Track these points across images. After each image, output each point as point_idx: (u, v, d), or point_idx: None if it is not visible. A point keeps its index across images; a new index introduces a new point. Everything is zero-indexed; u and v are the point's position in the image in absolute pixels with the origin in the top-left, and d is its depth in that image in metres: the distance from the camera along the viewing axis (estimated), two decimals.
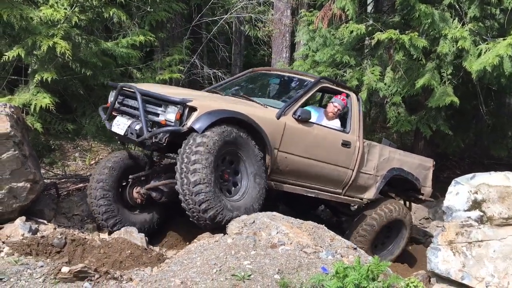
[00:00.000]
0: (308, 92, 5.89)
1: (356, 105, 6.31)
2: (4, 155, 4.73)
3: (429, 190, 7.21)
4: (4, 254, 4.02)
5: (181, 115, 4.74)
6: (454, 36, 7.35)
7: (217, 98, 5.52)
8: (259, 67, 7.17)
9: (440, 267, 4.46)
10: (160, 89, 5.42)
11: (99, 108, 5.84)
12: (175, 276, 3.47)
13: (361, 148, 6.16)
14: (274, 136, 5.30)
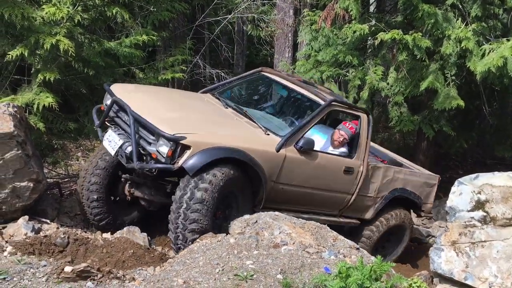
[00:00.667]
0: (315, 118, 5.50)
1: (366, 127, 5.96)
2: (7, 155, 4.74)
3: (429, 206, 7.12)
4: (7, 253, 4.01)
5: (173, 152, 4.51)
6: (458, 36, 7.33)
7: (216, 122, 5.24)
8: (269, 69, 6.71)
9: (443, 267, 4.46)
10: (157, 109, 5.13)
11: (93, 110, 5.57)
12: (178, 275, 3.47)
13: (364, 173, 5.90)
14: (272, 169, 5.07)
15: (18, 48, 6.08)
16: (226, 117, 5.48)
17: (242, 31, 13.22)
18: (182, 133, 4.53)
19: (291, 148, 5.18)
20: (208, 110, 5.63)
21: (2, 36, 6.35)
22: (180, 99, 6.09)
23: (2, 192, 4.78)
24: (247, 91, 6.72)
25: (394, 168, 6.48)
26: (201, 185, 4.51)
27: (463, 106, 7.61)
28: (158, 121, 4.69)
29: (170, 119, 4.85)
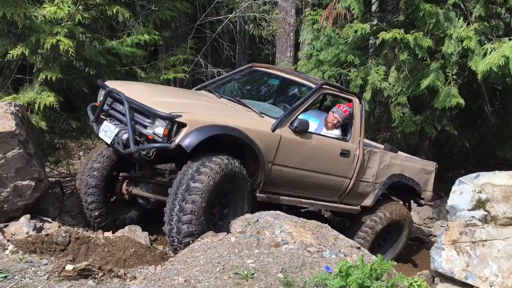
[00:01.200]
0: (308, 100, 5.56)
1: (359, 111, 6.00)
2: (9, 154, 4.75)
3: (429, 194, 7.07)
4: (9, 252, 4.03)
5: (169, 131, 4.52)
6: (459, 36, 7.32)
7: (210, 106, 5.31)
8: (259, 63, 6.78)
9: (444, 266, 4.45)
10: (151, 96, 5.17)
11: (88, 107, 5.58)
12: (179, 274, 3.47)
13: (360, 157, 5.92)
14: (269, 149, 5.09)
15: (19, 48, 6.10)
16: (220, 104, 5.55)
17: (244, 30, 13.23)
18: (178, 112, 4.55)
19: (286, 128, 5.22)
20: (203, 99, 5.70)
21: (4, 35, 6.36)
22: (174, 90, 6.29)
23: (4, 190, 4.78)
24: (240, 86, 6.77)
25: (391, 154, 6.47)
26: (197, 177, 4.49)
27: (463, 104, 7.60)
28: (153, 103, 4.72)
29: (165, 102, 4.89)
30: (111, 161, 5.50)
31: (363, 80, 8.29)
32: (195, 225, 4.45)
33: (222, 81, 6.55)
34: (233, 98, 5.78)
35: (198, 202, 4.45)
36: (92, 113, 5.37)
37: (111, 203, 5.68)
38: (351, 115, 5.93)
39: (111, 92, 5.07)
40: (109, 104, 5.22)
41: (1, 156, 4.69)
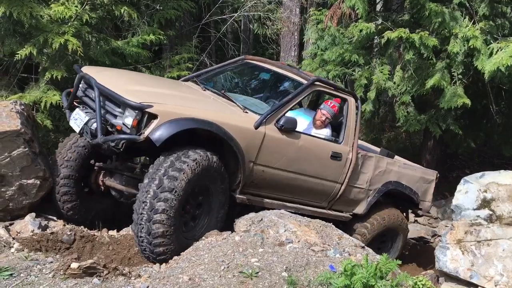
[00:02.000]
0: (297, 97, 5.18)
1: (353, 111, 5.59)
2: (15, 152, 4.76)
3: (428, 204, 6.67)
4: (14, 250, 4.04)
5: (138, 122, 4.16)
6: (465, 35, 7.30)
7: (188, 98, 4.91)
8: (252, 56, 6.38)
9: (449, 266, 4.44)
10: (126, 84, 4.81)
11: (63, 93, 5.25)
12: (183, 272, 3.48)
13: (353, 161, 5.49)
14: (250, 147, 4.69)
15: (27, 48, 6.13)
16: (202, 97, 5.17)
17: (248, 29, 13.24)
18: (150, 102, 4.21)
19: (271, 126, 4.84)
20: (184, 90, 5.29)
21: (10, 35, 6.39)
22: (155, 79, 5.83)
23: (9, 189, 4.80)
24: (229, 78, 6.52)
25: (387, 159, 6.04)
26: (171, 173, 4.14)
27: (469, 105, 7.58)
28: (125, 92, 4.37)
29: (137, 91, 4.53)
30: (87, 151, 5.20)
31: (368, 80, 8.29)
32: (167, 226, 4.09)
33: (212, 73, 6.20)
34: (218, 91, 5.39)
35: (171, 200, 4.08)
36: (66, 99, 5.06)
37: (86, 194, 5.39)
38: (341, 111, 5.60)
39: (83, 77, 4.75)
40: (83, 91, 4.91)
41: (7, 154, 4.71)
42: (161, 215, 4.06)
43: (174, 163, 4.19)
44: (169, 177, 4.11)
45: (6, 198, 4.79)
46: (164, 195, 4.07)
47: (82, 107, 4.84)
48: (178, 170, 4.15)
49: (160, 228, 4.07)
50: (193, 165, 4.22)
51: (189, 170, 4.18)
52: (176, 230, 4.18)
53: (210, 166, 4.38)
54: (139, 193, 4.22)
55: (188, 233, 4.48)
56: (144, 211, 4.09)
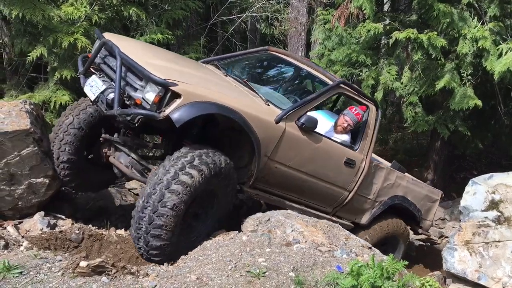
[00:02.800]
0: (321, 97, 5.08)
1: (374, 119, 5.48)
2: (24, 151, 4.79)
3: (428, 223, 6.62)
4: (23, 248, 4.07)
5: (160, 99, 3.95)
6: (474, 36, 7.27)
7: (212, 82, 4.66)
8: (275, 48, 6.18)
9: (456, 267, 4.44)
10: (150, 57, 4.58)
11: (79, 57, 5.02)
12: (191, 272, 3.50)
13: (365, 170, 5.40)
14: (268, 141, 4.53)
15: (38, 49, 6.18)
16: (225, 82, 4.98)
17: (256, 29, 13.24)
18: (175, 80, 4.01)
19: (291, 123, 4.71)
20: (207, 72, 5.10)
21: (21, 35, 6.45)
22: (178, 57, 5.57)
23: (19, 188, 4.83)
24: (251, 67, 6.26)
25: (397, 173, 5.97)
26: (173, 186, 3.90)
27: (480, 106, 7.55)
28: (149, 65, 4.16)
29: (162, 66, 4.32)
30: (94, 119, 4.99)
31: (375, 80, 8.27)
32: (165, 240, 3.94)
33: (232, 59, 6.02)
34: (240, 79, 5.23)
35: (171, 216, 3.89)
36: (82, 64, 4.84)
37: (88, 164, 5.23)
38: (364, 119, 5.45)
39: (105, 43, 4.52)
40: (102, 58, 4.70)
41: (16, 153, 4.74)
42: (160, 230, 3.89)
43: (178, 176, 3.93)
44: (171, 191, 3.88)
45: (16, 197, 4.83)
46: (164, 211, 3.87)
47: (99, 74, 4.62)
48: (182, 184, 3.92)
49: (158, 242, 3.92)
50: (198, 178, 4.00)
51: (195, 181, 3.97)
52: (174, 240, 4.01)
53: (221, 172, 4.20)
54: (139, 199, 4.01)
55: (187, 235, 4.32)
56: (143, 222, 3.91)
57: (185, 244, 4.20)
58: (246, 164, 4.67)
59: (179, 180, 3.90)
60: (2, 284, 3.17)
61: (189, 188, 3.94)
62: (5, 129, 4.64)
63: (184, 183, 3.91)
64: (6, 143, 4.63)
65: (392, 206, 5.94)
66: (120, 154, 4.80)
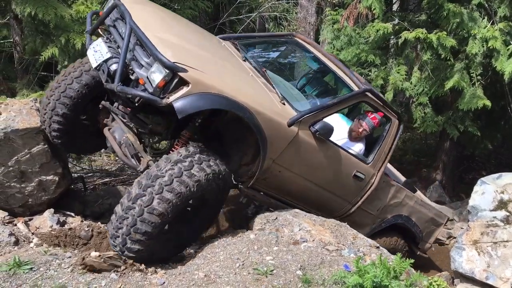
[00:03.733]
0: (343, 103, 4.75)
1: (394, 134, 5.12)
2: (34, 149, 4.86)
3: (427, 246, 6.37)
4: (34, 244, 4.13)
5: (166, 83, 3.58)
6: (484, 36, 7.24)
7: (227, 69, 4.27)
8: (303, 36, 5.68)
9: (464, 266, 4.42)
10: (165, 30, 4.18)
11: (89, 14, 4.64)
12: (199, 269, 3.52)
13: (374, 185, 5.08)
14: (276, 144, 4.19)
15: (50, 49, 6.23)
16: (241, 70, 4.56)
17: (264, 29, 13.26)
18: (185, 64, 3.64)
19: (304, 128, 4.34)
20: (224, 56, 4.68)
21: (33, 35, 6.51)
22: (196, 32, 5.03)
23: (29, 185, 4.90)
24: (272, 53, 5.82)
25: (406, 192, 5.66)
26: (165, 193, 3.58)
27: (489, 106, 7.50)
28: (161, 42, 3.78)
29: (176, 45, 3.94)
30: (89, 90, 4.65)
31: (384, 80, 8.25)
32: (145, 246, 3.63)
33: (253, 40, 5.58)
34: (258, 67, 4.77)
35: (157, 224, 3.57)
36: (91, 22, 4.47)
37: (81, 126, 4.92)
38: (381, 125, 5.13)
39: (117, 6, 4.12)
40: (112, 20, 4.30)
41: (27, 151, 4.81)
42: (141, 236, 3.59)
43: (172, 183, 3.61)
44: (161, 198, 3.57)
45: (26, 194, 4.89)
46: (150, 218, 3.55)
47: (106, 38, 4.26)
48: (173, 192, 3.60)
49: (137, 246, 3.62)
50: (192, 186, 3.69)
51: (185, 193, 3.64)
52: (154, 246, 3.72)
53: (219, 182, 3.92)
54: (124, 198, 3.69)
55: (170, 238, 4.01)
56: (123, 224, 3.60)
57: (168, 248, 3.97)
58: (249, 162, 4.45)
59: (172, 187, 3.59)
60: (13, 280, 3.21)
61: (182, 197, 3.63)
62: (16, 127, 4.71)
63: (177, 192, 3.60)
64: (17, 140, 4.69)
65: (394, 224, 5.72)
66: (116, 128, 4.45)
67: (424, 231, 6.08)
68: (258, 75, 4.60)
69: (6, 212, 4.75)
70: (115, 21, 4.28)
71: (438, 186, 9.74)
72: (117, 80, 3.73)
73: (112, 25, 4.29)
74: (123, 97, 4.02)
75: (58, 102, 4.60)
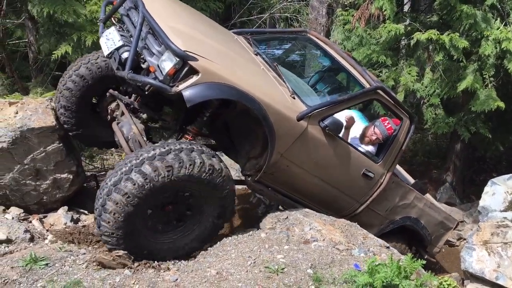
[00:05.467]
0: (353, 100, 4.72)
1: (405, 134, 5.06)
2: (50, 147, 4.93)
3: (436, 250, 6.29)
4: (48, 241, 4.20)
5: (176, 71, 3.61)
6: (497, 37, 7.21)
7: (238, 62, 4.27)
8: (316, 33, 5.70)
9: (475, 266, 4.43)
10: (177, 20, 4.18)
11: (103, 3, 4.70)
12: (211, 266, 3.57)
13: (384, 185, 5.03)
14: (284, 138, 4.17)
15: (63, 47, 6.31)
16: (253, 63, 4.56)
17: None
18: (196, 53, 3.67)
19: (314, 123, 4.33)
20: (236, 48, 4.67)
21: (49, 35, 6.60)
22: (209, 25, 5.06)
23: (44, 183, 4.97)
24: (285, 48, 5.86)
25: (416, 193, 5.60)
26: (133, 174, 3.50)
27: (503, 108, 7.48)
28: (173, 31, 3.81)
29: (187, 35, 3.95)
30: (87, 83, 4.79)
31: (395, 81, 8.25)
32: (114, 229, 3.57)
33: (266, 36, 5.60)
34: (269, 61, 4.74)
35: (122, 205, 3.50)
36: (105, 11, 4.57)
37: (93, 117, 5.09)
38: (394, 135, 5.06)
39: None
40: (126, 9, 4.35)
41: (42, 149, 4.88)
42: (109, 216, 3.55)
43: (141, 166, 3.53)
44: (128, 179, 3.51)
45: (41, 192, 4.97)
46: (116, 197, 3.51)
47: (119, 26, 4.32)
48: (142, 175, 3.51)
49: (107, 228, 3.59)
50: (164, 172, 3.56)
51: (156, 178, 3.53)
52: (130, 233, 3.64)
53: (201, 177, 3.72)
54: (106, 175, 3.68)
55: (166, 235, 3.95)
56: (99, 203, 3.60)
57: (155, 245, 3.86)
58: (257, 156, 4.42)
59: (141, 170, 3.51)
60: (29, 275, 3.28)
61: (150, 182, 3.51)
62: (32, 125, 4.79)
63: (144, 175, 3.50)
64: (32, 139, 4.77)
65: (403, 226, 5.66)
66: (124, 123, 4.48)
67: (433, 234, 6.01)
68: (269, 69, 4.59)
69: (22, 209, 4.83)
70: (129, 10, 4.32)
71: (448, 188, 9.71)
72: (128, 67, 3.76)
73: (125, 14, 4.33)
74: (133, 85, 4.02)
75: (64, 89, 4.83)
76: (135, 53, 3.84)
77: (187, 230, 4.03)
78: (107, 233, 3.61)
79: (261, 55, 4.84)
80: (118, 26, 4.34)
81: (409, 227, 5.69)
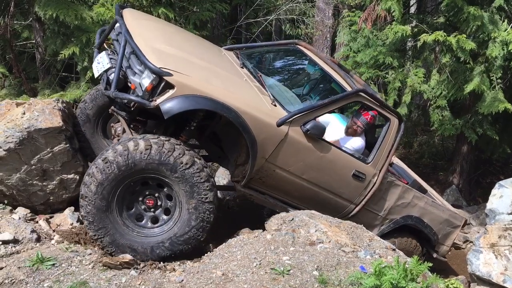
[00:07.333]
0: (334, 104, 4.83)
1: (393, 133, 5.14)
2: (56, 148, 4.94)
3: (445, 249, 6.17)
4: (55, 241, 4.21)
5: (153, 87, 3.89)
6: (504, 39, 7.18)
7: (218, 74, 4.49)
8: (305, 43, 5.90)
9: (482, 269, 4.40)
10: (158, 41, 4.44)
11: (98, 31, 5.06)
12: (217, 268, 3.57)
13: (377, 185, 5.10)
14: (266, 144, 4.35)
15: (70, 47, 6.36)
16: (235, 75, 4.75)
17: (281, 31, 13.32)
18: (171, 69, 3.94)
19: (296, 128, 4.49)
20: (219, 62, 4.89)
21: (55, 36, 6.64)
22: (193, 43, 5.31)
23: (51, 183, 4.98)
24: (274, 60, 6.06)
25: (415, 192, 5.62)
26: (98, 160, 3.89)
27: (510, 110, 7.44)
28: (151, 50, 4.11)
29: (163, 53, 4.23)
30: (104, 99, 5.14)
31: (402, 83, 8.23)
32: (88, 213, 3.91)
33: (257, 49, 5.87)
34: (254, 72, 4.98)
35: (89, 187, 3.86)
36: (99, 38, 4.88)
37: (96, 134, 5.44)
38: (374, 120, 5.19)
39: (118, 21, 4.47)
40: (116, 34, 4.68)
41: (49, 150, 4.89)
42: (82, 201, 3.92)
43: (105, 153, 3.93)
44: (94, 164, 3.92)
45: (47, 192, 4.98)
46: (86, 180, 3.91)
47: (110, 51, 4.66)
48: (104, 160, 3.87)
49: (82, 212, 3.96)
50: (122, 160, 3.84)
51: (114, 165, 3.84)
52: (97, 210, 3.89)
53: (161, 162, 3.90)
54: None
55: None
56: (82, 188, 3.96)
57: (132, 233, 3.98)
58: (243, 162, 4.54)
59: (105, 156, 3.88)
60: (36, 275, 3.30)
61: (110, 165, 3.83)
62: (39, 126, 4.79)
63: (105, 159, 3.85)
64: (39, 139, 4.78)
65: (406, 226, 5.64)
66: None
67: (439, 233, 5.96)
68: (253, 80, 4.81)
69: (28, 210, 4.84)
70: (118, 35, 4.62)
71: (455, 190, 9.67)
72: (114, 87, 4.08)
73: (115, 39, 4.65)
74: (120, 103, 4.30)
75: None
76: (119, 73, 4.14)
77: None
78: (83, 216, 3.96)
79: (247, 67, 5.09)
80: (110, 50, 4.69)
81: (412, 226, 5.69)
